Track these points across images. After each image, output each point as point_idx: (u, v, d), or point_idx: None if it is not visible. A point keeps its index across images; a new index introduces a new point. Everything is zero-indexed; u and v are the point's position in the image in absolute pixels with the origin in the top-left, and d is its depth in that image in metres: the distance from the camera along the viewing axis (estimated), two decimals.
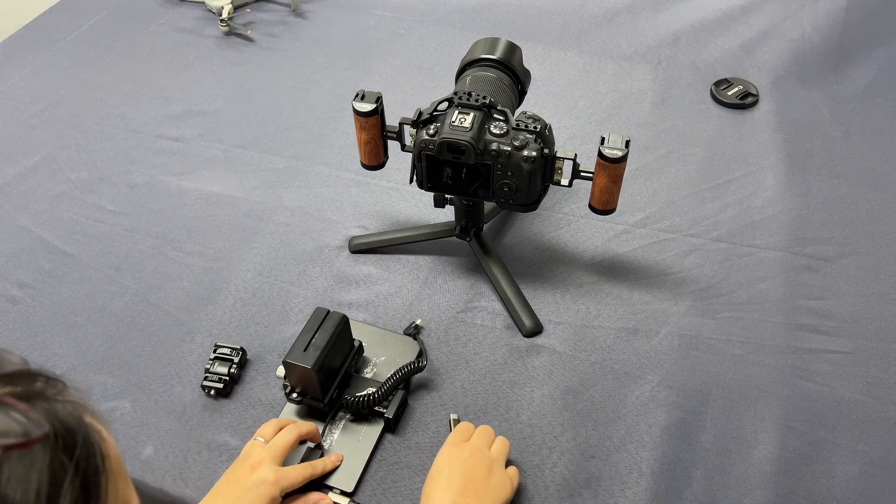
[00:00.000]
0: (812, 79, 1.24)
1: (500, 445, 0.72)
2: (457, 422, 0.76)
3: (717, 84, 1.23)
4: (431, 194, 0.84)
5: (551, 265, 0.96)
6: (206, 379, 0.81)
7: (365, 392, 0.76)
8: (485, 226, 0.94)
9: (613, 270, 0.95)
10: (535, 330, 0.87)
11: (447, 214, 0.95)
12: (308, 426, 0.73)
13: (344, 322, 0.75)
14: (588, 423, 0.79)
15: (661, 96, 1.23)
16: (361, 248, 0.97)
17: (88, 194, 1.07)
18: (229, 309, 0.91)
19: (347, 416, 0.77)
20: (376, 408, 0.76)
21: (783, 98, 1.21)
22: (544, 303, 0.91)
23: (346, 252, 0.98)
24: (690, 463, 0.76)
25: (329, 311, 0.75)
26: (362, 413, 0.77)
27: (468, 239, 0.92)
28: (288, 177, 1.10)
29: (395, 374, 0.76)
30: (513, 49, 0.86)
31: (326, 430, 0.76)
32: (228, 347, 0.83)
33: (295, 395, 0.75)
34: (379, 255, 0.97)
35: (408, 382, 0.81)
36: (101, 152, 1.15)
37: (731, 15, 1.35)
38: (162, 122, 1.20)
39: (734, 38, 1.32)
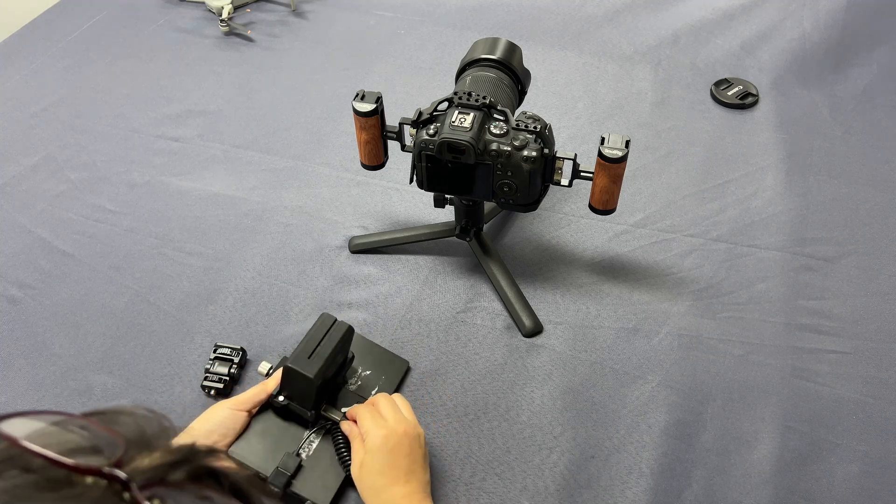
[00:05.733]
0: (812, 79, 1.24)
1: (404, 403, 0.72)
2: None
3: (717, 84, 1.23)
4: (431, 194, 0.84)
5: (551, 265, 0.96)
6: (206, 379, 0.81)
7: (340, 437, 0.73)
8: (485, 226, 0.94)
9: (613, 270, 0.95)
10: (535, 330, 0.87)
11: (447, 214, 0.95)
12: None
13: (349, 334, 0.73)
14: (588, 423, 0.79)
15: (661, 96, 1.23)
16: (361, 248, 0.97)
17: (88, 194, 1.07)
18: (229, 309, 0.91)
19: (328, 427, 0.74)
20: None
21: (783, 98, 1.21)
22: (544, 303, 0.91)
23: (346, 252, 0.98)
24: (690, 463, 0.76)
25: (336, 320, 0.72)
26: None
27: (468, 239, 0.92)
28: (288, 177, 1.10)
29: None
30: (513, 49, 0.86)
31: (307, 440, 0.73)
32: (228, 347, 0.83)
33: (281, 398, 0.72)
34: (379, 255, 0.97)
35: (401, 383, 0.81)
36: (101, 152, 1.15)
37: (731, 15, 1.35)
38: (162, 122, 1.20)
39: (734, 38, 1.32)
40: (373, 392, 0.78)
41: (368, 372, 0.81)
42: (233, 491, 0.32)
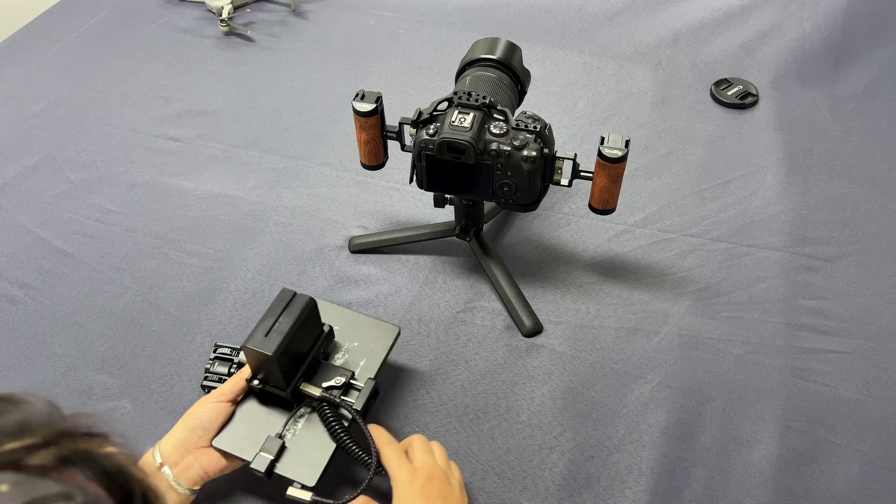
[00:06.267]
0: (812, 79, 1.24)
1: (439, 450, 0.69)
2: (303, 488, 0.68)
3: (717, 84, 1.23)
4: (431, 194, 0.84)
5: (551, 265, 0.96)
6: (206, 379, 0.81)
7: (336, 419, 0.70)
8: (485, 226, 0.94)
9: (613, 270, 0.95)
10: (535, 330, 0.87)
11: (447, 214, 0.95)
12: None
13: (311, 305, 0.70)
14: (588, 423, 0.79)
15: (661, 96, 1.23)
16: (361, 248, 0.97)
17: (88, 194, 1.07)
18: (229, 309, 0.91)
19: (313, 405, 0.72)
20: (344, 397, 0.71)
21: (783, 98, 1.21)
22: (544, 303, 0.91)
23: (346, 252, 0.98)
24: (690, 463, 0.76)
25: (296, 293, 0.69)
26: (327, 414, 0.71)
27: (468, 239, 0.92)
28: (288, 177, 1.10)
29: (350, 443, 0.69)
30: (513, 49, 0.86)
31: (290, 422, 0.71)
32: (228, 347, 0.83)
33: (256, 381, 0.70)
34: (379, 255, 0.97)
35: (391, 349, 0.77)
36: (101, 152, 1.15)
37: (731, 15, 1.35)
38: (162, 122, 1.20)
39: (734, 38, 1.32)
40: (361, 363, 0.75)
41: (356, 344, 0.77)
42: (110, 475, 0.31)
